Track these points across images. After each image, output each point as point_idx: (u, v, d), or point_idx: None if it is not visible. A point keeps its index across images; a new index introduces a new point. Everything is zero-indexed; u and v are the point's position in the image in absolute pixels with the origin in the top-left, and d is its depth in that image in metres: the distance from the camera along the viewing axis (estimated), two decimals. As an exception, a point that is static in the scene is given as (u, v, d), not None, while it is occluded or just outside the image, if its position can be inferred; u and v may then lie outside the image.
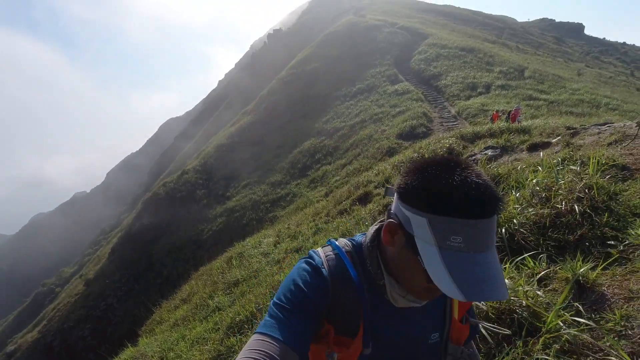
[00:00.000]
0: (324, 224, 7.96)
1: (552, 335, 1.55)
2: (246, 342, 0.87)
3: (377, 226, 0.90)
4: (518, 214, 2.68)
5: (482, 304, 1.83)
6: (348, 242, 0.92)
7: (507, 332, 0.95)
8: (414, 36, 31.19)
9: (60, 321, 25.20)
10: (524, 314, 1.73)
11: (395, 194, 0.79)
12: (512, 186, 3.28)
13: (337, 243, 0.92)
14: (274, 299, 0.83)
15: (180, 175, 31.28)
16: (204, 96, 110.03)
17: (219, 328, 4.49)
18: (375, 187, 8.40)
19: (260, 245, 8.96)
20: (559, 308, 1.63)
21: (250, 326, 3.91)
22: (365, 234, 0.93)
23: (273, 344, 0.73)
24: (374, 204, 7.20)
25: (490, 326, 1.11)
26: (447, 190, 0.69)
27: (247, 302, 4.61)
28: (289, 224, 10.08)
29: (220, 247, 14.60)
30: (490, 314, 1.83)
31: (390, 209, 0.83)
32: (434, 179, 0.71)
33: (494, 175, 3.72)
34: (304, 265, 0.87)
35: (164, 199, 30.29)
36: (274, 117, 28.28)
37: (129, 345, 6.37)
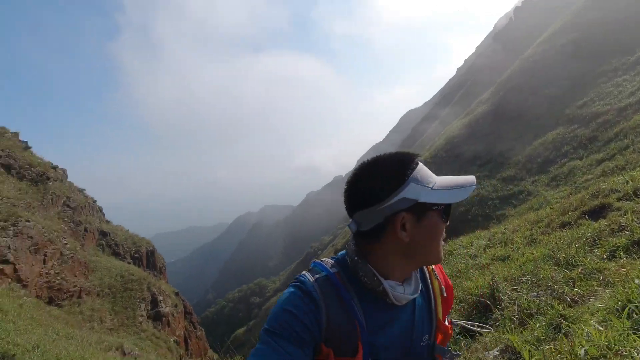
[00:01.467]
0: (541, 235, 7.24)
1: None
2: None
3: (352, 243, 0.97)
4: None
5: None
6: (332, 261, 0.97)
7: (489, 329, 0.95)
8: None
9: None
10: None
11: (379, 202, 0.89)
12: None
13: (324, 264, 0.95)
14: (265, 325, 0.84)
15: (412, 167, 33.25)
16: (442, 85, 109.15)
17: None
18: (619, 200, 6.76)
19: (471, 246, 9.02)
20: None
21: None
22: (345, 251, 0.99)
23: None
24: (607, 221, 5.86)
25: (470, 323, 1.16)
26: (396, 162, 0.92)
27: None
28: (505, 228, 9.55)
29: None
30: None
31: (351, 247, 0.95)
32: (380, 167, 0.93)
33: None
34: (294, 290, 0.88)
35: (397, 187, 33.17)
36: (512, 105, 25.40)
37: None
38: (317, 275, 0.92)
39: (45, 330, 8.08)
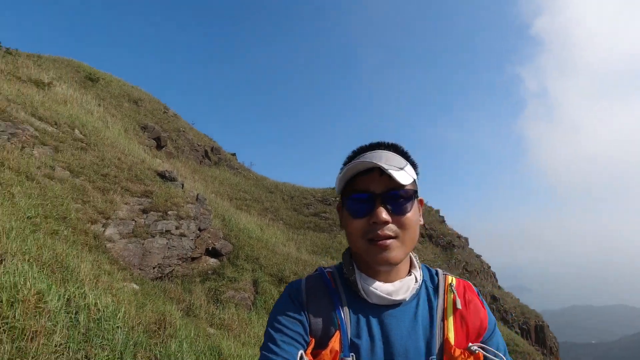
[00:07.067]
0: None
1: None
2: None
3: None
4: None
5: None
6: (335, 265, 1.02)
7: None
8: None
9: None
10: None
11: None
12: None
13: (322, 267, 1.01)
14: (266, 327, 0.90)
15: None
16: None
17: None
18: None
19: None
20: None
21: None
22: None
23: None
24: None
25: (492, 351, 0.85)
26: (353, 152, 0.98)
27: None
28: None
29: None
30: None
31: None
32: (370, 146, 0.97)
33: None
34: (285, 289, 0.96)
35: None
36: None
37: None
38: (312, 274, 0.99)
39: None
